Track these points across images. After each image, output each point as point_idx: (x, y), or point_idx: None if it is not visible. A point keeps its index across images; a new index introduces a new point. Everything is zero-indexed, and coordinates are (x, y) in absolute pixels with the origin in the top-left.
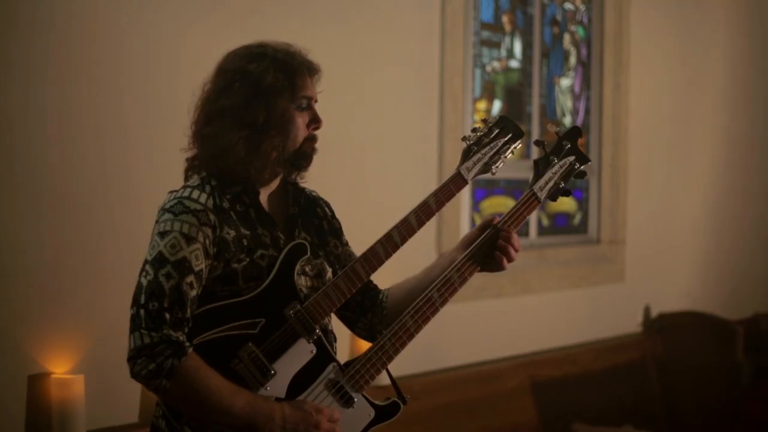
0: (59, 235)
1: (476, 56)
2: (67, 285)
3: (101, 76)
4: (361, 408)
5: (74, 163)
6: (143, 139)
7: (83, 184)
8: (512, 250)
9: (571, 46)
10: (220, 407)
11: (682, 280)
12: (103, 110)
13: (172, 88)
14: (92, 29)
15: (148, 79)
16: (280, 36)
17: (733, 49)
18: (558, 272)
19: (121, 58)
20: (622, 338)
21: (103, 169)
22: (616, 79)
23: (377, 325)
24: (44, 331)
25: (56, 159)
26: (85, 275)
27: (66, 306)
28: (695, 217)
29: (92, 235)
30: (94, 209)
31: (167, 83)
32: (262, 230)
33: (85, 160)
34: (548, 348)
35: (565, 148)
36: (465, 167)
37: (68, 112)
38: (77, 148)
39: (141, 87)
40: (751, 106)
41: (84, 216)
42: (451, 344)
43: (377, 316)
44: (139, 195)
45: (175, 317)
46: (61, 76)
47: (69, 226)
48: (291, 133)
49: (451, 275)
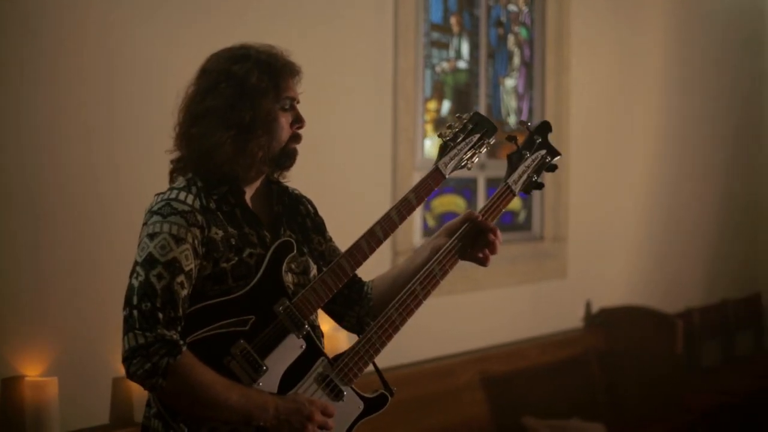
0: (31, 239)
1: (426, 57)
2: (40, 287)
3: (91, 79)
4: (351, 401)
5: (53, 167)
6: (119, 142)
7: (59, 188)
8: (498, 244)
9: (515, 47)
10: (216, 402)
11: (621, 275)
12: (93, 113)
13: (162, 91)
14: (83, 34)
15: (138, 81)
16: (232, 37)
17: (669, 51)
18: (505, 269)
19: (111, 61)
20: (566, 333)
21: (82, 172)
22: (557, 79)
23: (364, 317)
24: (17, 334)
25: (35, 161)
26: (58, 277)
27: (39, 308)
28: (633, 214)
29: (65, 238)
30: (68, 213)
31: (158, 86)
32: (248, 229)
33: (66, 164)
34: (497, 343)
35: (536, 142)
36: (442, 163)
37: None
38: (63, 153)
39: (131, 89)
40: (686, 106)
41: (57, 219)
42: (404, 341)
43: (364, 308)
44: (115, 199)
45: (168, 317)
46: (52, 79)
47: (42, 229)
48: (276, 133)
49: (433, 268)
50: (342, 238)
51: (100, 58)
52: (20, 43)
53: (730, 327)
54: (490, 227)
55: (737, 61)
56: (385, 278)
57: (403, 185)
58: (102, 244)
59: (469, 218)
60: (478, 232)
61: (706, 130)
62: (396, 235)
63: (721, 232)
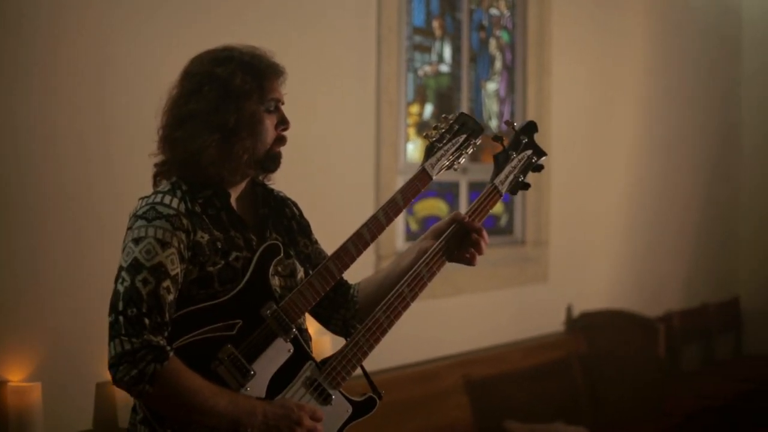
0: (13, 243)
1: (409, 61)
2: (23, 292)
3: (87, 80)
4: (339, 405)
5: (35, 172)
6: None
7: (40, 191)
8: (484, 245)
9: (496, 51)
10: (203, 408)
11: (602, 279)
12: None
13: (159, 93)
14: (79, 35)
15: (134, 83)
16: (216, 42)
17: (650, 55)
18: (487, 272)
19: (107, 62)
20: (547, 337)
21: (61, 175)
22: (539, 83)
23: (350, 320)
24: (0, 339)
25: (18, 165)
26: (41, 282)
27: (21, 313)
28: (614, 218)
29: (48, 244)
30: (51, 216)
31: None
32: (234, 232)
33: (51, 167)
34: (480, 347)
35: (522, 142)
36: (429, 164)
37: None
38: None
39: (126, 91)
40: (667, 109)
41: (39, 223)
42: (386, 346)
43: (350, 311)
44: (98, 203)
45: (154, 322)
46: (48, 80)
47: (22, 233)
48: (261, 135)
49: (421, 270)
50: (326, 241)
51: (96, 59)
52: (15, 43)
53: (711, 330)
54: (476, 227)
55: (716, 65)
56: (371, 281)
57: (386, 188)
58: (86, 250)
59: (456, 219)
60: (464, 232)
61: (686, 133)
62: (379, 240)
63: (701, 235)
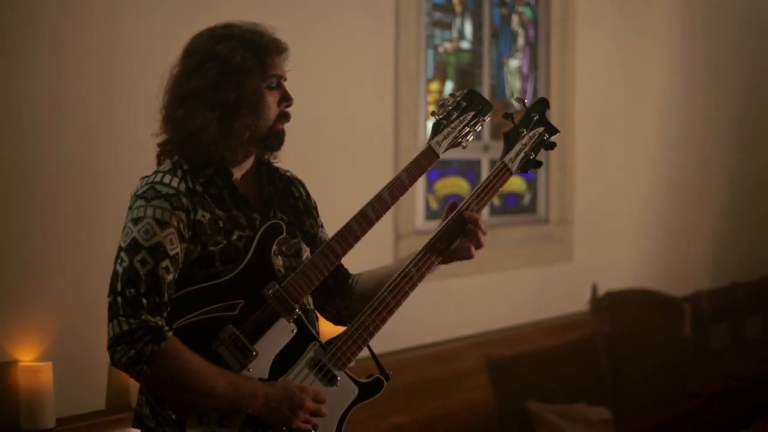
0: (26, 223)
1: (429, 37)
2: (34, 272)
3: (95, 69)
4: (345, 386)
5: (46, 153)
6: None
7: (52, 172)
8: (481, 235)
9: (519, 27)
10: (202, 390)
11: (627, 258)
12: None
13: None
14: (87, 25)
15: (141, 72)
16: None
17: (677, 30)
18: (509, 252)
19: (114, 50)
20: (571, 317)
21: (74, 157)
22: (562, 60)
23: (344, 310)
24: (11, 319)
25: (30, 147)
26: (52, 262)
27: (33, 293)
28: (640, 195)
29: (59, 222)
30: (62, 197)
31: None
32: (237, 211)
33: (60, 148)
34: (502, 327)
35: (533, 119)
36: (435, 141)
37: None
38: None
39: (133, 79)
40: (692, 87)
41: (51, 203)
42: (407, 325)
43: (344, 301)
44: (108, 183)
45: (152, 302)
46: (55, 69)
47: (36, 213)
48: (263, 112)
49: (429, 249)
50: (343, 220)
51: (103, 49)
52: (25, 24)
53: (740, 310)
54: (473, 218)
55: (744, 38)
56: (372, 277)
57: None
58: (97, 229)
59: (453, 209)
60: (461, 223)
61: (713, 110)
62: (398, 218)
63: (730, 214)
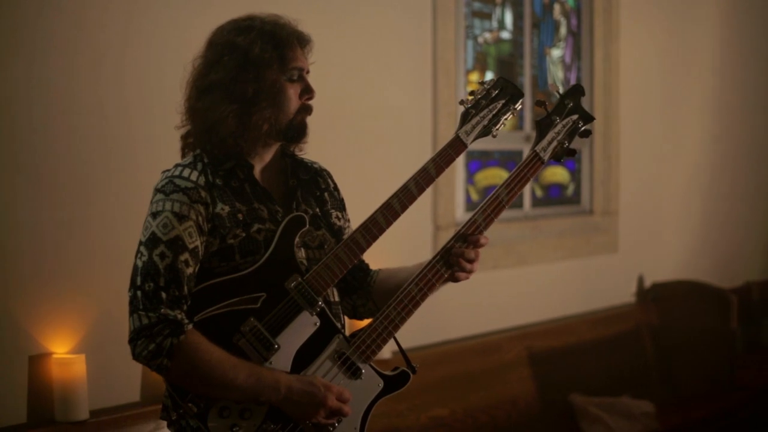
0: (59, 215)
1: (468, 28)
2: (68, 265)
3: (108, 56)
4: (370, 379)
5: (75, 143)
6: (145, 118)
7: (84, 164)
8: (466, 264)
9: (561, 17)
10: (223, 382)
11: (675, 249)
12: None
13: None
14: (100, 11)
15: (154, 59)
16: (270, 9)
17: (724, 18)
18: (552, 243)
19: (128, 35)
20: (616, 308)
21: (105, 150)
22: (606, 49)
23: (360, 307)
24: (45, 311)
25: (58, 138)
26: (86, 254)
27: (66, 285)
28: (687, 186)
29: (93, 214)
30: (96, 189)
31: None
32: (258, 204)
33: (87, 139)
34: (544, 319)
35: (567, 107)
36: (463, 131)
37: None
38: (79, 127)
39: (146, 67)
40: (742, 75)
41: (85, 195)
42: (448, 317)
43: (361, 298)
44: (140, 175)
45: (171, 296)
46: (67, 54)
47: (70, 205)
48: (282, 105)
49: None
50: None
51: (118, 35)
52: (38, 16)
53: None
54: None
55: None
56: (391, 278)
57: None
58: (131, 222)
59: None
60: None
61: (764, 98)
62: (438, 210)
63: None
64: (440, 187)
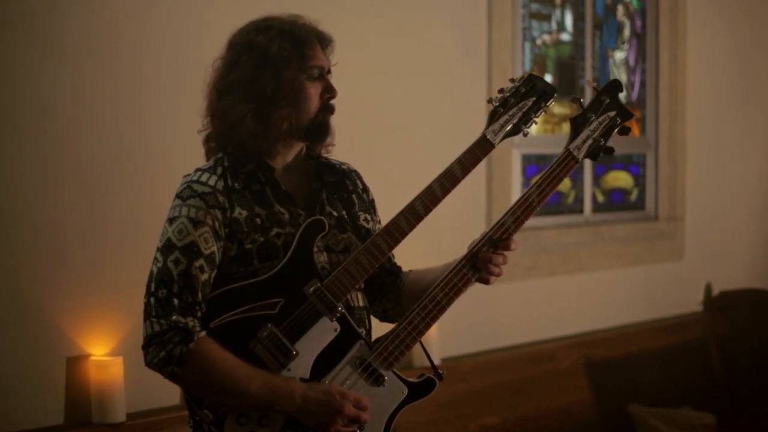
0: (99, 218)
1: (525, 30)
2: (106, 267)
3: (123, 54)
4: (393, 386)
5: (112, 143)
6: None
7: (123, 166)
8: (494, 268)
9: (625, 18)
10: (235, 390)
11: (743, 257)
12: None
13: (193, 69)
14: (113, 18)
15: (168, 57)
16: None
17: None
18: (614, 250)
19: (142, 34)
20: (681, 317)
21: (145, 150)
22: (672, 51)
23: (390, 310)
24: (83, 313)
25: (94, 140)
26: (125, 257)
27: (105, 288)
28: (757, 190)
29: (132, 217)
30: (135, 192)
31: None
32: (279, 208)
33: (126, 138)
34: (603, 327)
35: (603, 103)
36: (491, 130)
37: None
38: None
39: (160, 66)
40: None
41: (125, 198)
42: (502, 324)
43: (391, 301)
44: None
45: (184, 303)
46: (81, 49)
47: (108, 208)
48: (302, 103)
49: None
50: (435, 221)
51: (133, 31)
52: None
53: None
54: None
55: None
56: (421, 279)
57: (499, 165)
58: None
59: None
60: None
61: None
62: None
63: None
64: (495, 192)
